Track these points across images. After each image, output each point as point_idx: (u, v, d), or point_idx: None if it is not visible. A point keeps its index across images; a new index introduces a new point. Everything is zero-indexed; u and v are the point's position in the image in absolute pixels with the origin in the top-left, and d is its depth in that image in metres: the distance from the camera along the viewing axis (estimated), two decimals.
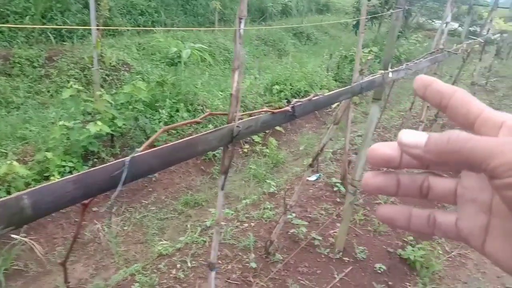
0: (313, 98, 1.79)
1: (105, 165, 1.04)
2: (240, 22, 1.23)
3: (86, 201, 1.10)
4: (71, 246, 1.19)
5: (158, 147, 1.15)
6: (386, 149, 0.37)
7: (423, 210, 0.39)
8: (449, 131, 0.31)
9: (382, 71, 2.35)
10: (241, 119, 1.43)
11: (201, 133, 1.26)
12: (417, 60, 3.05)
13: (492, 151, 0.29)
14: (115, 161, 1.05)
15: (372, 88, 2.36)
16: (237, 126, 1.37)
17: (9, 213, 0.87)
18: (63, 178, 0.97)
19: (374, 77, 2.27)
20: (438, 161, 0.32)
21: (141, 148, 1.10)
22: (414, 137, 0.33)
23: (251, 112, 1.49)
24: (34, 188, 0.93)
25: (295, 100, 1.70)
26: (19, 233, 3.39)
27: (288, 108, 1.63)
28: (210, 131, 1.30)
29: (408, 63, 2.78)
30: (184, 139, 1.21)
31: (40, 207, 0.91)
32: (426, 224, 0.38)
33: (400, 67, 2.57)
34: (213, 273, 1.64)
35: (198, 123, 1.14)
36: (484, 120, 0.33)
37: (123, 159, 1.06)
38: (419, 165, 0.38)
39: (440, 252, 3.55)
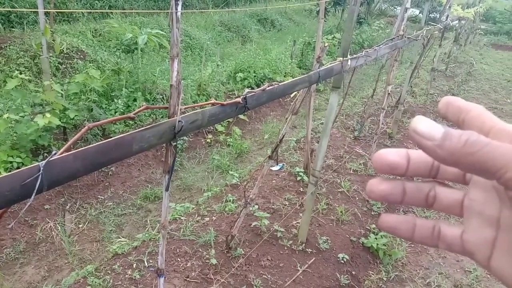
0: (267, 88, 1.68)
1: (15, 171, 0.89)
2: (176, 4, 1.09)
3: None
4: None
5: (83, 148, 1.00)
6: (393, 155, 0.35)
7: (428, 220, 0.38)
8: (468, 131, 0.30)
9: (341, 59, 2.26)
10: (185, 113, 1.30)
11: (136, 130, 1.13)
12: (376, 46, 2.99)
13: (509, 160, 0.28)
14: (27, 167, 0.90)
15: (331, 76, 2.28)
16: (179, 121, 1.24)
17: None
18: None
19: (332, 64, 2.18)
20: (449, 160, 0.30)
21: (61, 151, 0.95)
22: (430, 128, 0.31)
23: (195, 105, 1.36)
24: None
25: (247, 90, 1.58)
26: None
27: (239, 99, 1.52)
28: (147, 126, 1.17)
29: (368, 49, 2.71)
30: (115, 137, 1.07)
31: None
32: (431, 236, 0.38)
33: (359, 54, 2.49)
34: (161, 280, 1.51)
35: (131, 118, 1.02)
36: (498, 131, 0.31)
37: (37, 164, 0.91)
38: (426, 173, 0.37)
39: (403, 239, 3.57)
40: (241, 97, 1.53)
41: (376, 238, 3.37)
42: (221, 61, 7.42)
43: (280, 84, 1.75)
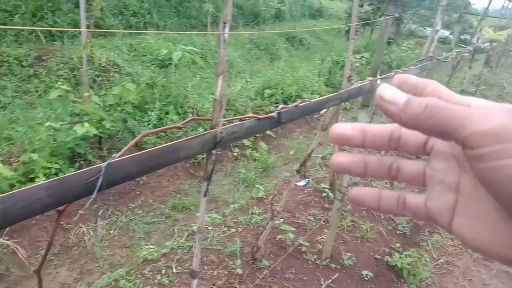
0: (300, 104, 1.77)
1: (80, 171, 1.01)
2: (224, 27, 1.21)
3: (61, 208, 1.06)
4: (45, 254, 1.16)
5: (138, 153, 1.12)
6: (343, 127, 0.38)
7: (393, 192, 0.40)
8: (428, 97, 0.32)
9: (371, 78, 2.34)
10: (225, 125, 1.41)
11: (183, 139, 1.24)
12: (406, 67, 3.05)
13: (465, 120, 0.30)
14: (90, 167, 1.02)
15: (361, 95, 2.35)
16: (220, 132, 1.34)
17: None
18: (35, 185, 0.93)
19: (362, 84, 2.26)
20: (411, 124, 0.32)
21: (119, 154, 1.07)
22: (393, 94, 0.33)
23: (236, 117, 1.46)
24: (4, 194, 0.89)
25: (281, 106, 1.68)
26: (1, 235, 3.33)
27: (274, 114, 1.61)
28: (193, 136, 1.28)
29: (397, 70, 2.78)
30: (165, 144, 1.18)
31: (10, 214, 0.88)
32: (396, 205, 0.40)
33: (389, 74, 2.56)
34: (195, 281, 1.60)
35: (179, 128, 1.12)
36: (454, 103, 0.33)
37: (99, 165, 1.02)
38: (385, 146, 0.39)
39: (427, 259, 3.55)
40: (276, 112, 1.63)
41: (400, 257, 3.36)
42: (250, 78, 7.59)
43: (312, 101, 1.84)
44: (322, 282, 2.97)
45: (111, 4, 8.70)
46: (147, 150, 1.13)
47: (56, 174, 3.94)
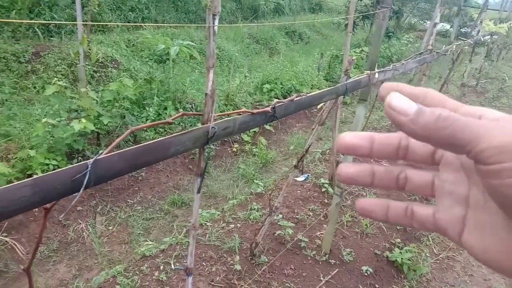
0: (295, 99, 1.74)
1: (65, 168, 0.98)
2: (214, 19, 1.18)
3: (48, 205, 1.04)
4: (34, 252, 1.13)
5: (126, 149, 1.09)
6: (351, 137, 0.37)
7: (401, 202, 0.40)
8: (440, 108, 0.31)
9: (368, 72, 2.31)
10: (217, 120, 1.38)
11: (173, 134, 1.21)
12: (405, 60, 3.01)
13: (479, 133, 0.29)
14: (77, 164, 1.00)
15: (358, 89, 2.32)
16: (212, 127, 1.32)
17: None
18: (19, 182, 0.91)
19: (360, 77, 2.23)
20: (421, 135, 0.31)
21: (106, 150, 1.04)
22: (404, 104, 0.32)
23: (229, 112, 1.44)
24: None
25: (276, 100, 1.65)
26: None
27: (269, 109, 1.58)
28: (184, 132, 1.25)
29: (396, 63, 2.74)
30: (154, 140, 1.15)
31: None
32: (404, 216, 0.39)
33: (387, 67, 2.53)
34: (190, 279, 1.58)
35: (169, 123, 1.10)
36: (463, 114, 0.32)
37: (85, 161, 1.00)
38: (393, 155, 0.38)
39: (428, 254, 3.53)
40: (270, 106, 1.60)
41: (400, 253, 3.34)
42: (248, 73, 7.55)
43: (307, 95, 1.81)
44: (322, 278, 2.95)
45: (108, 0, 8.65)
46: (136, 146, 1.10)
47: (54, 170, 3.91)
